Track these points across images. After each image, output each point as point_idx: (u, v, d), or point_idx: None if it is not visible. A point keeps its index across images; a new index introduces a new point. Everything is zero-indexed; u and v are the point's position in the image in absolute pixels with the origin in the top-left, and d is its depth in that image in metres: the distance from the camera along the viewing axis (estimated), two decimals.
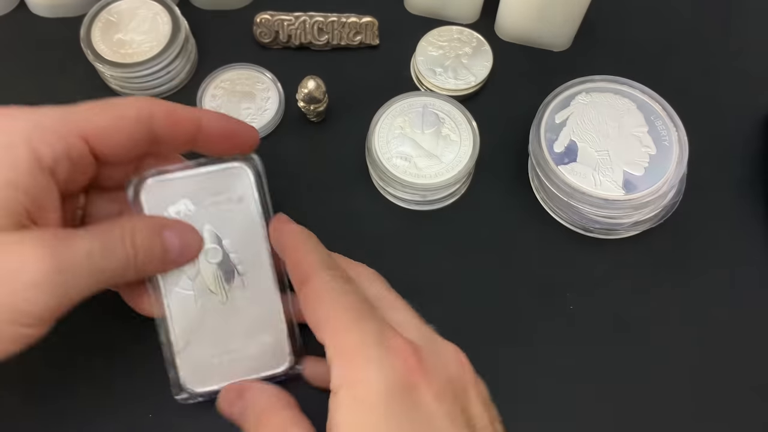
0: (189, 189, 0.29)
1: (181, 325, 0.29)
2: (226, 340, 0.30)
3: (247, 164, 0.30)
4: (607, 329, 0.35)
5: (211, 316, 0.29)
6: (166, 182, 0.29)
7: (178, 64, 0.39)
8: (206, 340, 0.29)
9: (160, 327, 0.30)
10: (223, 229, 0.30)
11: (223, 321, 0.30)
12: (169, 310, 0.29)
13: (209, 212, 0.30)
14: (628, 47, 0.43)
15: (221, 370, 0.30)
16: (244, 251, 0.30)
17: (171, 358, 0.29)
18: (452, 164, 0.35)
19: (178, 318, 0.29)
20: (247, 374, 0.30)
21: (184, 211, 0.29)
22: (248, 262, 0.30)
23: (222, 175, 0.30)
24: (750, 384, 0.34)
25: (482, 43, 0.41)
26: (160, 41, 0.38)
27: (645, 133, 0.36)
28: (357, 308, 0.25)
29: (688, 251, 0.37)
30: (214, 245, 0.29)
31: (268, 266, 0.30)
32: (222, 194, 0.30)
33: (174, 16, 0.39)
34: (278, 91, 0.40)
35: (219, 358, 0.30)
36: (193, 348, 0.29)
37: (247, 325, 0.30)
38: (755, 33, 0.44)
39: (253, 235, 0.30)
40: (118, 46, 0.38)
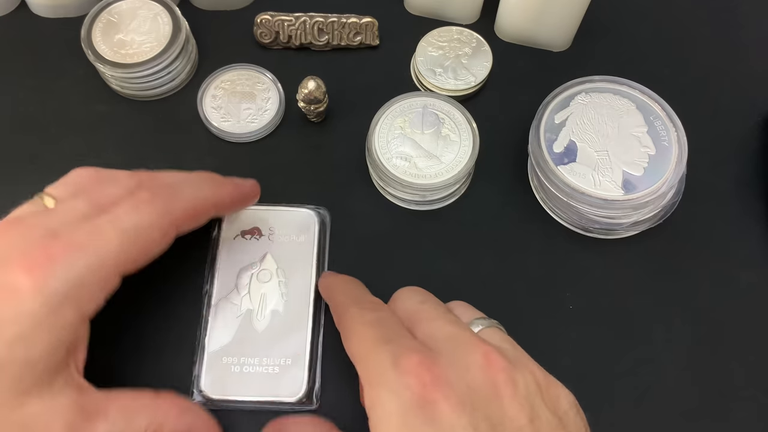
0: (262, 219, 0.35)
1: (218, 331, 0.32)
2: (251, 357, 0.32)
3: (315, 212, 0.36)
4: (606, 329, 0.35)
5: (246, 331, 0.32)
6: (243, 212, 0.35)
7: (178, 64, 0.39)
8: (234, 350, 0.32)
9: (200, 326, 0.33)
10: (280, 258, 0.34)
11: (254, 338, 0.32)
12: (214, 313, 0.33)
13: (272, 242, 0.34)
14: (627, 47, 0.43)
15: (238, 383, 0.31)
16: (292, 283, 0.33)
17: (200, 358, 0.32)
18: (452, 164, 0.35)
19: (219, 324, 0.32)
20: (261, 394, 0.31)
21: (252, 237, 0.34)
22: (292, 294, 0.33)
23: (292, 215, 0.35)
24: (750, 383, 0.34)
25: (482, 44, 0.41)
26: (161, 42, 0.38)
27: (644, 133, 0.36)
28: (374, 336, 0.26)
29: (688, 251, 0.37)
30: (269, 269, 0.33)
31: (309, 303, 0.33)
32: (288, 231, 0.35)
33: (174, 17, 0.39)
34: (278, 92, 0.40)
35: (240, 370, 0.31)
36: (221, 355, 0.32)
37: (275, 348, 0.32)
38: (755, 33, 0.44)
39: (303, 272, 0.34)
40: (118, 47, 0.38)
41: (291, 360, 0.32)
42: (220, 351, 0.32)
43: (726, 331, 0.35)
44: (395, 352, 0.25)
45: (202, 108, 0.39)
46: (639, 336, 0.35)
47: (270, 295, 0.33)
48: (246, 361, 0.32)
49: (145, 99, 0.40)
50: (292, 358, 0.32)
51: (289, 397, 0.31)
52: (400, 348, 0.25)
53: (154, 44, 0.38)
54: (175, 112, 0.40)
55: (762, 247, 0.37)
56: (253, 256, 0.34)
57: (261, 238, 0.34)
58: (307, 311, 0.33)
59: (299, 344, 0.32)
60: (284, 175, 0.38)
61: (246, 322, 0.32)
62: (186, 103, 0.40)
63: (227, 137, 0.39)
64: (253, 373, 0.31)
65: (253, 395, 0.31)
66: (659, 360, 0.34)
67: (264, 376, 0.31)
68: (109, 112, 0.40)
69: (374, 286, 0.35)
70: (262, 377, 0.31)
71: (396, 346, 0.25)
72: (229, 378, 0.31)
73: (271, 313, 0.33)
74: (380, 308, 0.29)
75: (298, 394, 0.31)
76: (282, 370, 0.31)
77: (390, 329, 0.27)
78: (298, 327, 0.32)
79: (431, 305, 0.28)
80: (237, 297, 0.33)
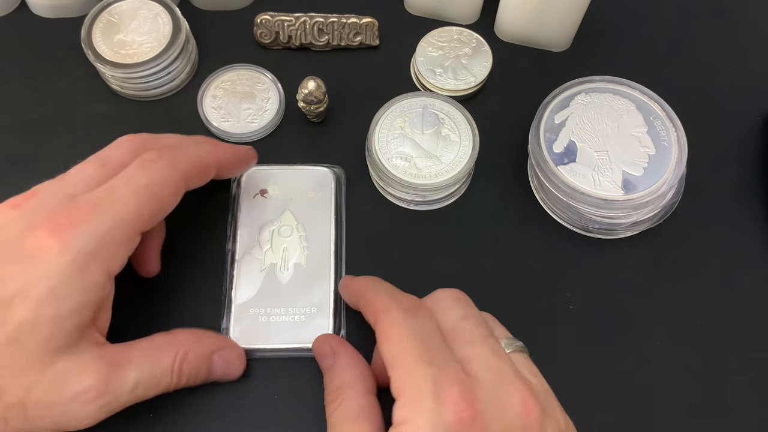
0: (280, 178, 0.37)
1: (244, 284, 0.34)
2: (277, 305, 0.33)
3: (331, 171, 0.37)
4: (606, 329, 0.35)
5: (271, 284, 0.34)
6: (263, 170, 0.37)
7: (178, 64, 0.39)
8: (261, 302, 0.33)
9: (226, 281, 0.34)
10: (300, 214, 0.36)
11: (279, 290, 0.34)
12: (238, 268, 0.34)
13: (292, 198, 0.36)
14: (627, 47, 0.43)
15: (266, 332, 0.33)
16: (313, 238, 0.35)
17: (227, 311, 0.33)
18: (452, 164, 0.35)
19: (244, 278, 0.34)
20: (288, 341, 0.33)
21: (272, 193, 0.36)
22: (313, 247, 0.35)
23: (308, 173, 0.37)
24: (750, 383, 0.34)
25: (482, 44, 0.41)
26: (161, 42, 0.38)
27: (644, 133, 0.36)
28: (417, 351, 0.25)
29: (687, 251, 0.37)
30: (289, 225, 0.35)
31: (330, 255, 0.35)
32: (305, 188, 0.36)
33: (174, 17, 0.39)
34: (278, 92, 0.40)
35: (267, 320, 0.33)
36: (248, 307, 0.33)
37: (299, 298, 0.34)
38: (755, 33, 0.44)
39: (323, 227, 0.35)
40: (118, 47, 0.38)
41: (316, 308, 0.33)
42: (247, 303, 0.33)
43: (726, 330, 0.35)
44: (437, 379, 0.24)
45: (202, 108, 0.39)
46: (639, 336, 0.35)
47: (292, 249, 0.35)
48: (272, 312, 0.33)
49: (145, 99, 0.40)
50: (317, 307, 0.33)
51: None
52: (442, 374, 0.24)
53: (154, 44, 0.38)
54: (175, 112, 0.40)
55: (762, 247, 0.37)
56: (272, 213, 0.35)
57: (279, 196, 0.36)
58: (329, 263, 0.34)
59: (323, 294, 0.34)
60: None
61: (270, 275, 0.34)
62: (186, 103, 0.40)
63: (227, 137, 0.39)
64: (280, 323, 0.33)
65: (281, 343, 0.33)
66: (659, 360, 0.34)
67: (290, 324, 0.33)
68: (109, 112, 0.40)
69: None
70: (288, 326, 0.33)
71: (438, 371, 0.24)
72: (257, 328, 0.33)
73: (294, 266, 0.34)
74: (420, 311, 0.27)
75: None
76: (307, 318, 0.33)
77: (432, 345, 0.26)
78: (321, 278, 0.34)
79: (473, 323, 0.27)
80: (260, 252, 0.34)
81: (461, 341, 0.27)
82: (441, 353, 0.26)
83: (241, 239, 0.35)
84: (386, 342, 0.26)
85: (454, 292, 0.29)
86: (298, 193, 0.36)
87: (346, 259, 0.35)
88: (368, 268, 0.35)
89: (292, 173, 0.37)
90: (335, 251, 0.35)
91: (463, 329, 0.27)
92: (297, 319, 0.33)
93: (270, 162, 0.37)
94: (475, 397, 0.24)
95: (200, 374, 0.30)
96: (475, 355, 0.26)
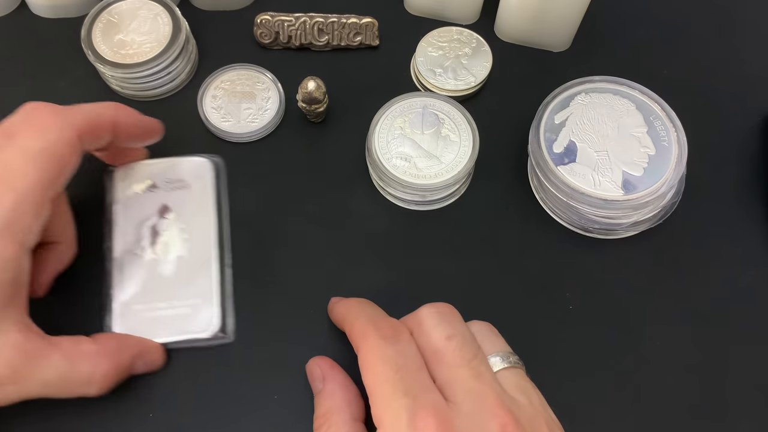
0: (155, 172, 0.35)
1: (125, 282, 0.33)
2: (161, 300, 0.33)
3: (209, 160, 0.36)
4: (606, 329, 0.35)
5: (153, 278, 0.33)
6: (135, 166, 0.36)
7: (178, 64, 0.39)
8: (144, 298, 0.33)
9: (106, 280, 0.33)
10: (178, 207, 0.35)
11: (162, 284, 0.33)
12: (119, 266, 0.33)
13: (169, 191, 0.35)
14: (627, 47, 0.43)
15: (152, 327, 0.33)
16: (194, 229, 0.34)
17: (110, 310, 0.33)
18: (452, 164, 0.35)
19: (125, 275, 0.33)
20: (175, 334, 0.32)
21: (147, 188, 0.35)
22: (195, 238, 0.34)
23: (186, 164, 0.36)
24: (750, 383, 0.34)
25: (482, 44, 0.41)
26: (161, 42, 0.38)
27: (644, 133, 0.36)
28: (392, 381, 0.25)
29: (687, 251, 0.37)
30: (167, 218, 0.34)
31: (212, 245, 0.34)
32: (183, 179, 0.35)
33: (174, 17, 0.39)
34: (278, 92, 0.40)
35: (151, 314, 0.33)
36: (131, 304, 0.33)
37: (183, 290, 0.33)
38: (754, 33, 0.44)
39: (203, 218, 0.35)
40: (118, 47, 0.38)
41: (201, 299, 0.33)
42: (130, 300, 0.33)
43: (725, 330, 0.35)
44: (412, 409, 0.24)
45: (202, 108, 0.39)
46: (638, 336, 0.35)
47: (172, 241, 0.34)
48: (157, 306, 0.33)
49: (145, 99, 0.40)
50: (201, 297, 0.33)
51: (202, 333, 0.32)
52: (417, 404, 0.24)
53: (154, 44, 0.38)
54: (175, 112, 0.40)
55: (761, 248, 0.37)
56: (150, 208, 0.35)
57: (156, 190, 0.35)
58: (211, 253, 0.34)
59: (207, 284, 0.33)
60: (284, 175, 0.38)
61: (151, 269, 0.33)
62: (186, 103, 0.40)
63: (227, 137, 0.39)
64: (165, 316, 0.33)
65: (168, 336, 0.32)
66: (659, 360, 0.34)
67: (176, 317, 0.33)
68: None
69: (375, 286, 0.35)
70: (174, 318, 0.33)
71: (413, 401, 0.24)
72: (142, 324, 0.32)
73: (177, 259, 0.34)
74: (400, 337, 0.27)
75: (210, 330, 0.33)
76: (193, 309, 0.33)
77: (409, 374, 0.25)
78: (205, 268, 0.34)
79: (457, 344, 0.27)
80: (139, 247, 0.34)
81: (444, 363, 0.26)
82: (418, 382, 0.25)
83: (119, 236, 0.34)
84: (365, 371, 0.26)
85: (440, 308, 0.28)
86: (176, 185, 0.35)
87: (233, 247, 0.36)
88: (368, 269, 0.36)
89: (168, 165, 0.36)
90: (218, 240, 0.34)
91: (446, 350, 0.27)
92: (182, 311, 0.33)
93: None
94: (451, 427, 0.24)
95: (121, 380, 0.31)
96: (456, 379, 0.26)
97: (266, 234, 0.36)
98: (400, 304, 0.31)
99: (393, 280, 0.35)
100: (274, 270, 0.35)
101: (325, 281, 0.35)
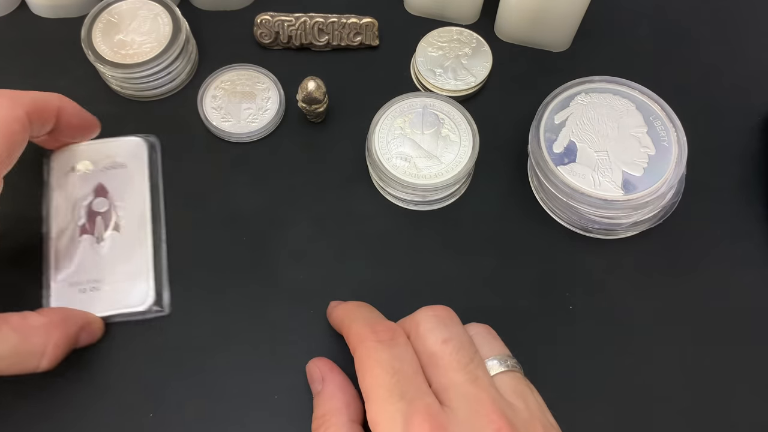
0: (91, 153, 0.37)
1: (62, 261, 0.34)
2: (97, 276, 0.34)
3: (144, 139, 0.37)
4: (606, 329, 0.35)
5: (89, 256, 0.34)
6: (72, 148, 0.37)
7: (178, 64, 0.39)
8: (80, 276, 0.34)
9: (44, 260, 0.34)
10: (114, 186, 0.36)
11: (98, 262, 0.34)
12: (55, 246, 0.34)
13: (104, 171, 0.36)
14: (627, 47, 0.43)
15: (89, 302, 0.34)
16: (129, 207, 0.36)
17: (47, 289, 0.34)
18: (452, 165, 0.35)
19: (61, 255, 0.34)
20: (111, 308, 0.34)
21: (83, 169, 0.36)
22: (130, 216, 0.35)
23: (122, 144, 0.37)
24: (751, 384, 0.34)
25: (482, 44, 0.41)
26: (161, 42, 0.38)
27: (644, 133, 0.36)
28: (388, 385, 0.25)
29: (687, 251, 0.37)
30: (103, 197, 0.36)
31: (147, 222, 0.35)
32: (118, 159, 0.37)
33: (175, 17, 0.39)
34: (278, 92, 0.40)
35: (89, 291, 0.34)
36: (68, 282, 0.34)
37: (119, 267, 0.34)
38: (755, 33, 0.44)
39: (138, 196, 0.36)
40: (118, 47, 0.38)
41: (136, 274, 0.34)
42: (67, 279, 0.34)
43: (726, 331, 0.35)
44: (407, 414, 0.24)
45: (202, 108, 0.39)
46: (639, 336, 0.35)
47: (107, 220, 0.35)
48: (93, 283, 0.34)
49: (146, 99, 0.40)
50: (137, 273, 0.34)
51: (138, 306, 0.34)
52: (412, 409, 0.24)
53: (154, 44, 0.38)
54: (175, 112, 0.40)
55: (762, 248, 0.37)
56: (86, 188, 0.36)
57: (93, 171, 0.36)
58: (146, 230, 0.35)
59: (142, 260, 0.35)
60: (284, 175, 0.38)
61: (87, 248, 0.35)
62: (186, 102, 0.40)
63: (227, 137, 0.39)
64: (102, 291, 0.34)
65: (104, 311, 0.33)
66: (659, 360, 0.34)
67: (112, 292, 0.34)
68: (108, 112, 0.39)
69: (374, 287, 0.35)
70: (111, 293, 0.34)
71: (408, 406, 0.25)
72: (79, 300, 0.34)
73: (111, 236, 0.35)
74: (396, 341, 0.27)
75: (146, 303, 0.34)
76: (129, 284, 0.34)
77: (405, 378, 0.26)
78: (140, 245, 0.35)
79: (453, 348, 0.27)
80: (75, 227, 0.35)
81: (440, 368, 0.26)
82: (414, 386, 0.25)
83: (56, 217, 0.35)
84: (361, 374, 0.26)
85: (437, 311, 0.28)
86: (111, 165, 0.36)
87: (166, 222, 0.36)
88: (368, 269, 0.36)
89: (103, 146, 0.37)
90: (152, 217, 0.36)
91: (443, 354, 0.27)
92: (119, 286, 0.34)
93: None
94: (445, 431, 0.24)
95: (67, 352, 0.31)
96: (452, 383, 0.26)
97: (266, 234, 0.36)
98: (400, 305, 0.31)
99: (393, 281, 0.35)
100: (275, 270, 0.35)
101: (324, 281, 0.35)
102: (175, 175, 0.38)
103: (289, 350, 0.34)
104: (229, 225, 0.36)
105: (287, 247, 0.36)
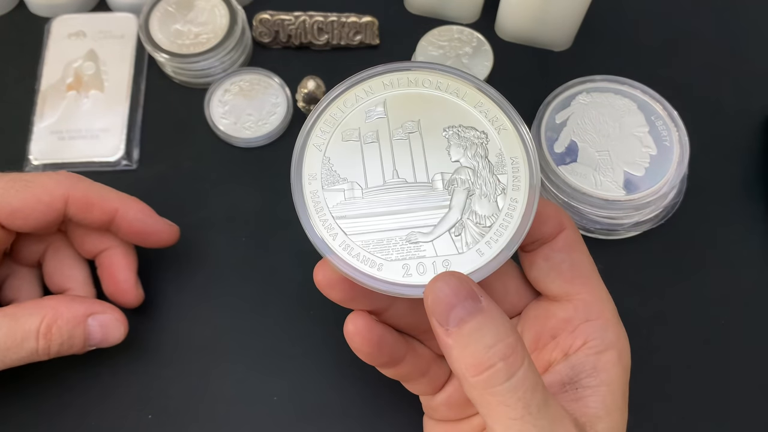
0: (90, 22, 0.41)
1: (46, 112, 0.39)
2: (75, 129, 0.38)
3: (136, 16, 0.41)
4: None
5: (70, 110, 0.39)
6: (71, 16, 0.42)
7: (233, 55, 0.39)
8: (60, 125, 0.38)
9: (32, 110, 0.38)
10: (103, 53, 0.40)
11: (78, 115, 0.39)
12: (42, 99, 0.39)
13: (97, 39, 0.41)
14: (628, 47, 0.43)
15: (64, 149, 0.38)
16: (113, 72, 0.40)
17: (30, 134, 0.38)
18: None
19: (47, 106, 0.39)
20: (84, 156, 0.38)
21: (77, 36, 0.41)
22: (113, 79, 0.40)
23: (115, 18, 0.42)
24: (751, 383, 0.34)
25: (482, 43, 0.41)
26: (218, 34, 0.39)
27: (645, 133, 0.36)
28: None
29: (689, 251, 0.37)
30: (92, 62, 0.40)
31: (127, 85, 0.39)
32: (112, 30, 0.41)
33: (232, 9, 0.39)
34: (286, 96, 0.39)
35: (65, 139, 0.38)
36: (48, 130, 0.38)
37: (97, 121, 0.39)
38: (755, 33, 0.44)
39: (123, 64, 0.40)
40: (175, 36, 0.39)
41: (111, 130, 0.38)
42: (48, 127, 0.38)
43: (727, 330, 0.35)
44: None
45: (209, 112, 0.39)
46: (639, 336, 0.35)
47: (92, 81, 0.39)
48: (70, 133, 0.38)
49: (198, 87, 0.40)
50: (111, 129, 0.38)
51: (108, 157, 0.38)
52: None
53: (210, 36, 0.39)
54: (180, 116, 0.39)
55: (763, 248, 0.37)
56: (77, 52, 0.40)
57: (85, 37, 0.41)
58: (125, 92, 0.39)
59: (117, 119, 0.39)
60: (284, 175, 0.38)
61: (71, 103, 0.39)
62: (194, 103, 0.39)
63: (235, 141, 0.38)
64: (77, 140, 0.38)
65: (76, 158, 0.38)
66: (659, 360, 0.34)
67: (87, 142, 0.38)
68: None
69: None
70: (85, 143, 0.38)
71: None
72: (56, 146, 0.38)
73: (93, 95, 0.39)
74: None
75: (116, 155, 0.38)
76: (103, 138, 0.38)
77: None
78: (117, 105, 0.39)
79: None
80: (62, 84, 0.39)
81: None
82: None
83: (47, 74, 0.39)
84: (577, 251, 0.27)
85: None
86: (104, 35, 0.41)
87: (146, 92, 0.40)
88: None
89: (100, 17, 0.42)
90: (133, 83, 0.40)
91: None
92: (92, 138, 0.38)
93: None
94: None
95: (75, 339, 0.29)
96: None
97: (271, 236, 0.36)
98: None
99: None
100: (276, 271, 0.35)
101: None
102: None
103: (289, 351, 0.33)
104: (229, 225, 0.36)
105: (287, 247, 0.36)
